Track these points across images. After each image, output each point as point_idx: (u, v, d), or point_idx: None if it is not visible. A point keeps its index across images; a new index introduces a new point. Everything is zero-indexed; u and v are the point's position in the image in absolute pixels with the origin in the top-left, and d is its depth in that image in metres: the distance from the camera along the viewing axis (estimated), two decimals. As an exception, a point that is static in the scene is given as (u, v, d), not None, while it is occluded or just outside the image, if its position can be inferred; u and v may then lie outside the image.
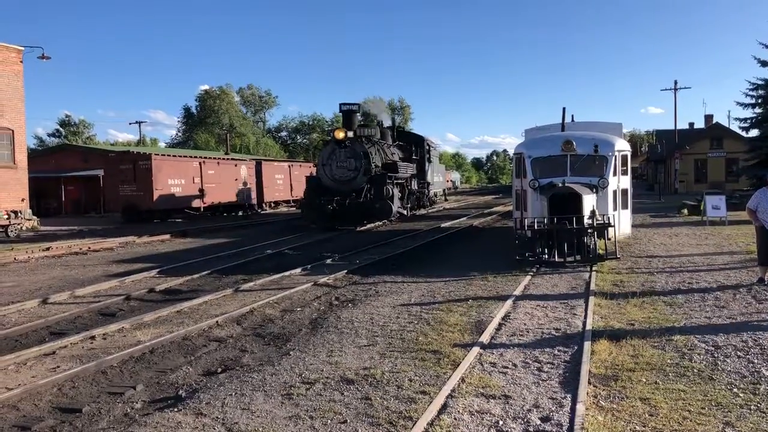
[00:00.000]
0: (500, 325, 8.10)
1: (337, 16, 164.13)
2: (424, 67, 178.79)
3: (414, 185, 30.68)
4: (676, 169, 51.30)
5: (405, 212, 28.18)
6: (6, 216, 23.63)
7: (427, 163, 34.25)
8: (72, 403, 5.81)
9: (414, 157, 31.72)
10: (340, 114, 26.44)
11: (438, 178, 40.56)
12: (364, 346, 7.28)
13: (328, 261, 14.61)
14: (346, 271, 13.01)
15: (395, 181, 25.70)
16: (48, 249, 18.31)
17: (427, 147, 34.66)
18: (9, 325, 9.00)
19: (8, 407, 5.68)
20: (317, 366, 6.55)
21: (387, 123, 33.18)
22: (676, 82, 54.02)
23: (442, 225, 24.53)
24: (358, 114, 26.05)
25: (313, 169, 38.93)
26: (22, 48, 28.37)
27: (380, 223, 24.99)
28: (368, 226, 24.08)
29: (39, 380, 6.30)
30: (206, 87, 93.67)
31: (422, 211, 33.56)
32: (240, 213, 37.05)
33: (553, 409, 5.20)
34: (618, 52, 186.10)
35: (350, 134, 24.46)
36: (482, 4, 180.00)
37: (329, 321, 8.66)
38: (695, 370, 6.08)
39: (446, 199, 47.96)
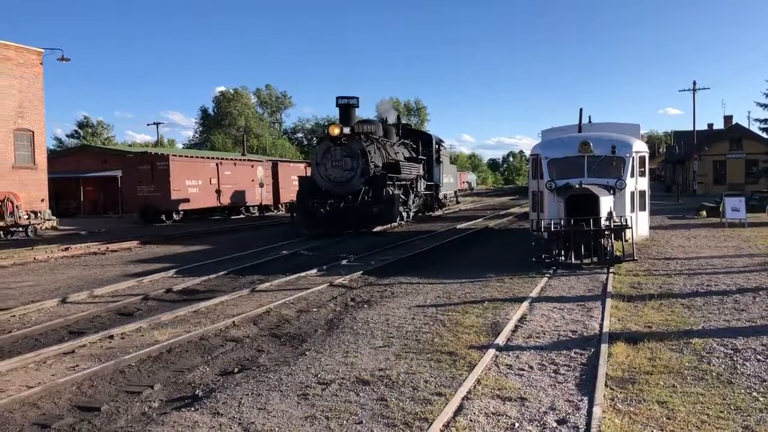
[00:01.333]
0: (516, 327, 8.07)
1: (351, 17, 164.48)
2: (440, 67, 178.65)
3: (420, 187, 28.61)
4: (694, 171, 50.86)
5: (409, 216, 26.50)
6: (26, 216, 23.92)
7: (435, 163, 32.26)
8: (91, 402, 5.87)
9: (421, 157, 29.62)
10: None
11: (448, 179, 38.65)
12: (380, 347, 7.28)
13: (344, 262, 14.63)
14: (361, 272, 13.03)
15: (397, 183, 24.02)
16: (67, 249, 18.51)
17: (436, 146, 32.78)
18: (29, 324, 9.11)
19: (28, 405, 5.75)
20: (333, 367, 6.57)
21: (392, 120, 31.15)
22: (695, 83, 53.79)
23: (458, 226, 24.48)
24: (357, 109, 24.07)
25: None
26: (42, 50, 28.72)
27: (396, 224, 24.78)
28: (383, 227, 23.59)
29: (58, 379, 6.37)
30: (222, 89, 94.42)
31: (437, 212, 33.29)
32: (249, 214, 37.21)
33: (569, 411, 5.18)
34: (635, 52, 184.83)
35: (346, 130, 22.47)
36: (501, 4, 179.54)
37: (345, 322, 8.68)
38: (714, 374, 6.02)
39: (458, 202, 46.39)
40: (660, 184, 66.59)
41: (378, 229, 23.14)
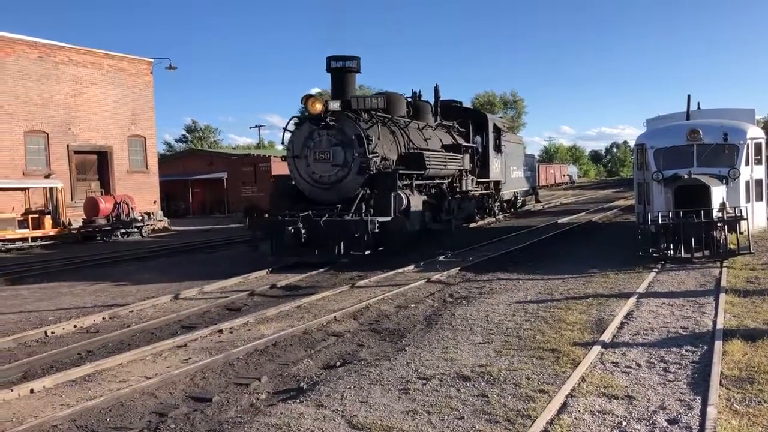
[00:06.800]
0: (622, 323, 7.80)
1: (445, 10, 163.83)
2: (536, 57, 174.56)
3: (467, 185, 20.47)
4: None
5: (448, 226, 18.91)
6: (140, 217, 25.41)
7: (494, 152, 23.67)
8: (203, 393, 6.16)
9: (470, 145, 21.58)
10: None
11: (517, 173, 28.79)
12: (480, 344, 7.23)
13: (441, 258, 14.59)
14: (459, 268, 12.97)
15: (417, 182, 16.54)
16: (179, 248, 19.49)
17: (495, 129, 24.06)
18: (146, 318, 9.66)
19: (147, 394, 6.11)
20: (433, 362, 6.58)
21: (429, 96, 21.95)
22: (816, 62, 49.71)
23: (559, 221, 23.89)
24: (356, 75, 16.31)
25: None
26: (152, 60, 30.38)
27: (492, 219, 24.34)
28: (479, 222, 22.89)
29: (173, 370, 6.72)
30: (317, 90, 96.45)
31: (509, 215, 27.53)
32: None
33: (681, 411, 4.95)
34: (747, 30, 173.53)
35: (335, 105, 14.96)
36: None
37: (443, 318, 8.67)
38: (844, 375, 5.58)
39: (538, 201, 37.03)
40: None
41: (474, 225, 22.38)
